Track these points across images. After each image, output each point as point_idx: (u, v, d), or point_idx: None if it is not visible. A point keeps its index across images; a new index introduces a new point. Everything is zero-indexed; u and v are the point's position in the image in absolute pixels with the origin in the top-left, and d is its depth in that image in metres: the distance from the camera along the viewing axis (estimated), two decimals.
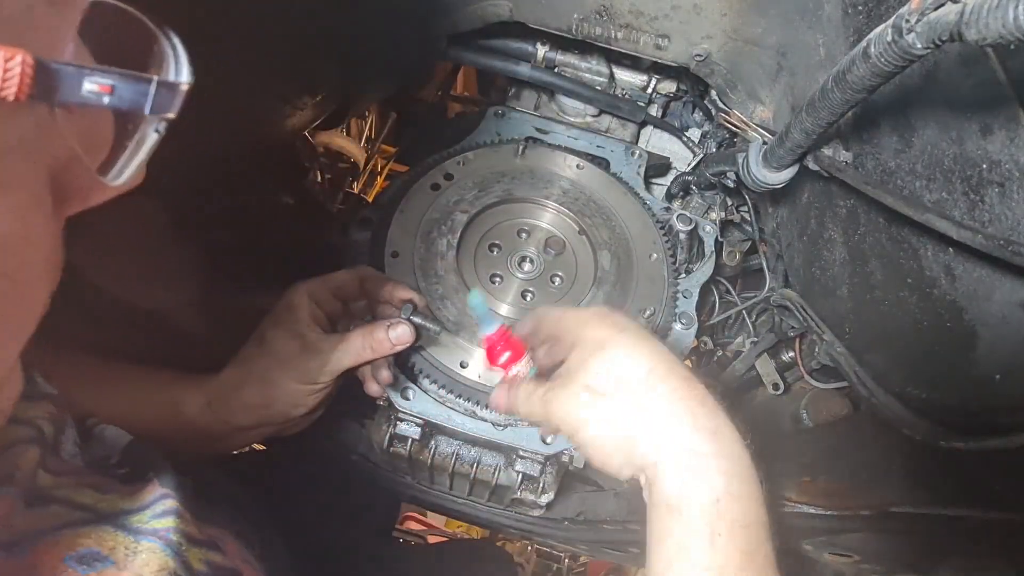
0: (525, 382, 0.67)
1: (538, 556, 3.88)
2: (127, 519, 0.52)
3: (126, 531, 0.51)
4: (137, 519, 0.53)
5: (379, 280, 0.90)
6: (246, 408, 0.84)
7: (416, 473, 1.09)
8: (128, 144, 0.37)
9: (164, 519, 0.53)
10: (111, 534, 0.50)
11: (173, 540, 0.51)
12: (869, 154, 0.78)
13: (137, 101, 0.34)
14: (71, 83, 0.31)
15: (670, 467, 0.53)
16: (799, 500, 1.03)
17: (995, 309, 0.61)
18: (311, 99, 0.94)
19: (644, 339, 0.60)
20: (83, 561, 0.47)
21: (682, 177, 1.26)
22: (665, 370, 0.56)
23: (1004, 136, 0.57)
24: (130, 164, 0.38)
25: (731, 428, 0.55)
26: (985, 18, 0.42)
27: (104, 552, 0.48)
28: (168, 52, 0.36)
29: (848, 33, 0.79)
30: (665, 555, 0.52)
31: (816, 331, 1.00)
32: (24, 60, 0.29)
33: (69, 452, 0.56)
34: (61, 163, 0.35)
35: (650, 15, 1.03)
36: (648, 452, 0.55)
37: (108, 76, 0.32)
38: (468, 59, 1.22)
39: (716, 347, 1.33)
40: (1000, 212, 0.57)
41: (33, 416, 0.52)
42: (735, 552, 0.49)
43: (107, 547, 0.49)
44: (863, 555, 1.08)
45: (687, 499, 0.52)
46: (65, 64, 0.31)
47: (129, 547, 0.50)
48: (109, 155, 0.38)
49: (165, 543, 0.51)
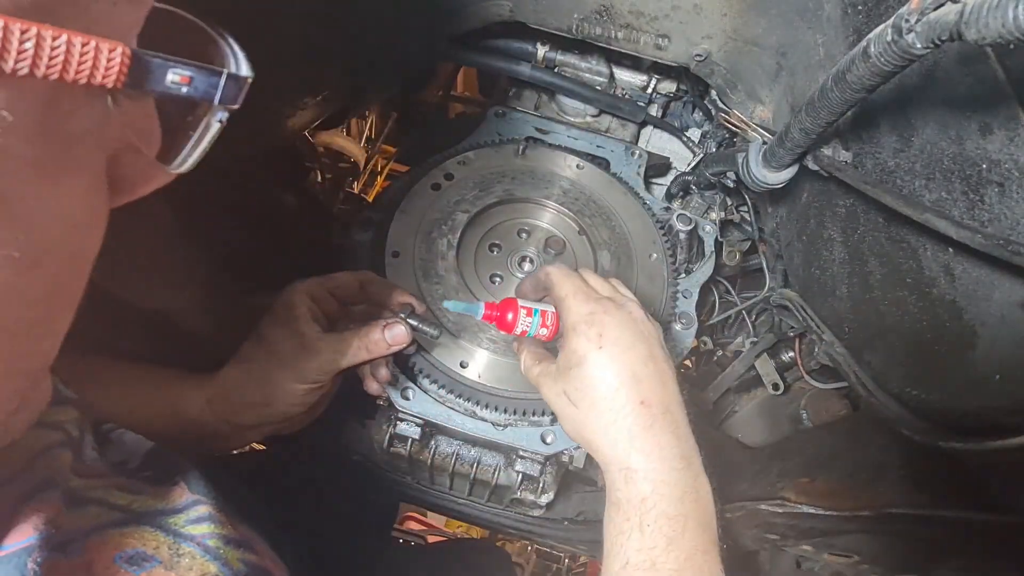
0: (528, 347, 0.81)
1: (538, 556, 3.88)
2: (164, 520, 0.53)
3: (166, 532, 0.52)
4: (174, 521, 0.53)
5: (380, 284, 0.90)
6: (246, 407, 0.84)
7: (416, 473, 1.09)
8: (192, 134, 0.40)
9: (200, 525, 0.54)
10: (152, 534, 0.51)
11: (211, 546, 0.52)
12: (868, 153, 0.78)
13: (208, 92, 0.37)
14: (158, 73, 0.34)
15: (612, 475, 0.68)
16: (799, 500, 1.03)
17: (994, 309, 0.61)
18: (311, 99, 0.94)
19: (618, 356, 0.70)
20: (132, 561, 0.48)
21: (682, 177, 1.26)
22: (627, 393, 0.68)
23: (1004, 135, 0.57)
24: (194, 152, 0.41)
25: (671, 445, 0.67)
26: (985, 18, 0.42)
27: (149, 552, 0.49)
28: (228, 51, 0.39)
29: (848, 33, 0.79)
30: (610, 538, 0.66)
31: (815, 331, 1.00)
32: (123, 51, 0.31)
33: (90, 456, 0.57)
34: (114, 153, 0.38)
35: (650, 15, 1.04)
36: (600, 459, 0.70)
37: (188, 68, 0.35)
38: (469, 59, 1.23)
39: (716, 347, 1.33)
40: (999, 212, 0.57)
41: (61, 420, 0.53)
42: (661, 537, 0.62)
43: (151, 547, 0.50)
44: (863, 555, 1.08)
45: (624, 499, 0.66)
46: (155, 56, 0.34)
47: (172, 548, 0.51)
48: (170, 144, 0.41)
49: (203, 549, 0.51)
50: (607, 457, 0.69)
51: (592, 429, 0.70)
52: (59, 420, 0.53)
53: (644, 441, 0.67)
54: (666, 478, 0.65)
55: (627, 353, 0.70)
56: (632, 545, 0.63)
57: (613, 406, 0.68)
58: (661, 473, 0.65)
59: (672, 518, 0.63)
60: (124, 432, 0.65)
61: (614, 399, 0.68)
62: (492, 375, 0.93)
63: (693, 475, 0.66)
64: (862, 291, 0.84)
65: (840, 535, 1.04)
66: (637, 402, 0.68)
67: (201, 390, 0.85)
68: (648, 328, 0.74)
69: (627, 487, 0.66)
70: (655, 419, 0.67)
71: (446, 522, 3.57)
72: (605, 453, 0.69)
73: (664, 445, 0.67)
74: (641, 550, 0.62)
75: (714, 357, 1.33)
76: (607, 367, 0.69)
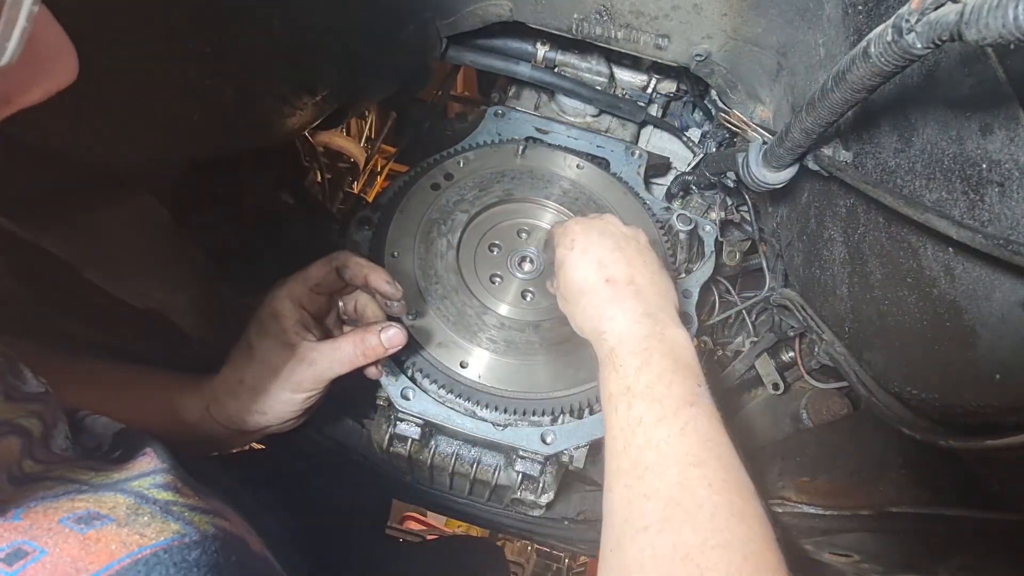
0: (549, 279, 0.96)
1: (538, 556, 3.89)
2: (127, 484, 0.51)
3: (127, 494, 0.50)
4: (138, 484, 0.51)
5: (355, 267, 0.87)
6: (241, 414, 0.84)
7: (416, 473, 1.09)
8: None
9: (165, 492, 0.52)
10: (111, 497, 0.49)
11: (175, 510, 0.50)
12: (869, 153, 0.78)
13: None
14: None
15: (594, 344, 0.80)
16: (799, 500, 1.03)
17: (995, 309, 0.61)
18: (311, 99, 0.94)
19: (588, 250, 0.83)
20: (81, 521, 0.45)
21: (682, 177, 1.26)
22: (595, 275, 0.81)
23: (1004, 135, 0.57)
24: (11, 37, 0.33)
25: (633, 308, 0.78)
26: (985, 18, 0.42)
27: (104, 512, 0.47)
28: None
29: (848, 33, 0.79)
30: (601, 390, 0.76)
31: (816, 331, 1.00)
32: None
33: (60, 446, 0.56)
34: None
35: (650, 15, 1.03)
36: (587, 336, 0.82)
37: None
38: (468, 59, 1.22)
39: (716, 347, 1.33)
40: (1000, 212, 0.57)
41: (11, 418, 0.52)
42: (630, 368, 0.73)
43: (107, 508, 0.47)
44: (863, 555, 1.08)
45: (603, 358, 0.77)
46: None
47: (131, 507, 0.48)
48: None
49: (165, 511, 0.49)
50: (588, 330, 0.81)
51: (577, 313, 0.83)
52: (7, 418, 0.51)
53: (610, 309, 0.79)
54: (630, 329, 0.76)
55: (594, 247, 0.83)
56: (611, 384, 0.74)
57: (585, 288, 0.81)
58: (624, 327, 0.76)
59: (637, 353, 0.73)
60: (97, 418, 0.64)
61: (585, 282, 0.82)
62: (492, 375, 0.93)
63: (657, 326, 0.76)
64: (862, 291, 0.84)
65: (841, 534, 1.04)
66: (603, 281, 0.81)
67: (199, 396, 0.85)
68: (619, 229, 0.87)
69: (601, 348, 0.78)
70: (619, 291, 0.80)
71: (446, 522, 3.57)
72: (586, 328, 0.81)
73: (627, 308, 0.78)
74: (618, 382, 0.73)
75: (714, 357, 1.33)
76: (578, 260, 0.83)
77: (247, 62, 0.78)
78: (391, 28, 1.06)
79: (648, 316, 0.77)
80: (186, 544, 0.47)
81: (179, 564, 0.45)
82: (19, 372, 0.56)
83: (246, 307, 0.88)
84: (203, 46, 0.67)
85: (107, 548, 0.44)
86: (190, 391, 0.86)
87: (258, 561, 0.55)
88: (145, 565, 0.44)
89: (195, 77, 0.69)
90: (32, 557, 0.42)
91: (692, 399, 0.69)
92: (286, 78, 0.89)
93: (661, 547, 0.58)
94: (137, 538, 0.46)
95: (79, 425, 0.63)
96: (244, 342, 0.84)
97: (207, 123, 0.76)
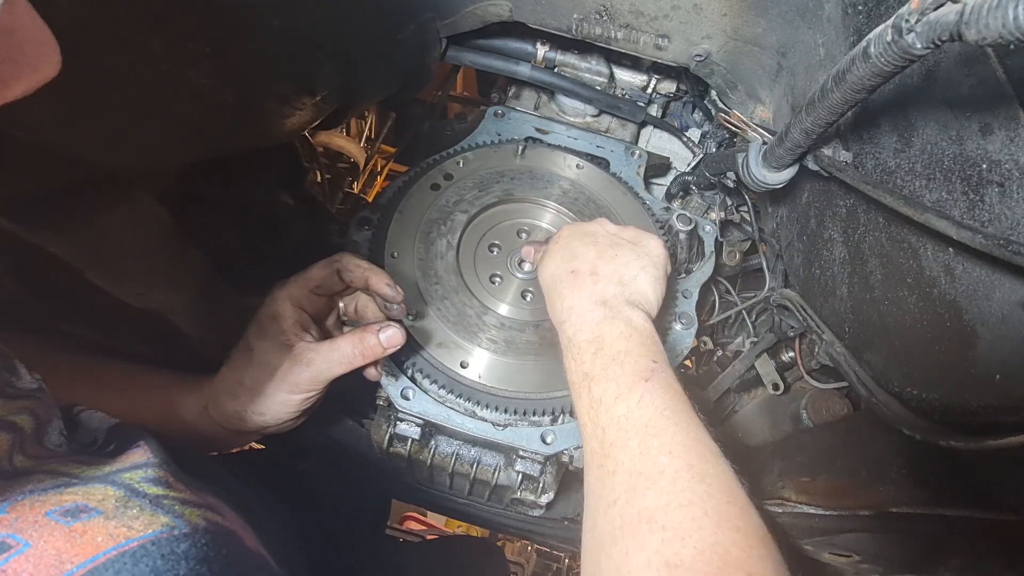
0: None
1: (538, 556, 3.89)
2: (119, 476, 0.51)
3: (118, 486, 0.50)
4: (129, 476, 0.51)
5: (356, 269, 0.87)
6: (240, 415, 0.84)
7: (416, 473, 1.09)
8: None
9: (156, 486, 0.52)
10: (101, 489, 0.49)
11: (166, 504, 0.50)
12: (869, 154, 0.78)
13: None
14: None
15: (558, 331, 0.82)
16: (799, 500, 1.03)
17: (995, 309, 0.61)
18: (311, 99, 0.94)
19: (563, 247, 0.87)
20: (68, 514, 0.45)
21: (682, 177, 1.26)
22: (563, 268, 0.84)
23: (1004, 136, 0.57)
24: None
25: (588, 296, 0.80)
26: (985, 18, 0.42)
27: (92, 505, 0.47)
28: None
29: (848, 33, 0.79)
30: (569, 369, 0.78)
31: (816, 331, 1.00)
32: None
33: (54, 442, 0.56)
34: None
35: (650, 15, 1.03)
36: (555, 324, 0.84)
37: None
38: (468, 59, 1.22)
39: (716, 347, 1.33)
40: (1000, 212, 0.57)
41: (2, 414, 0.52)
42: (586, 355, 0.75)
43: (95, 500, 0.47)
44: (863, 555, 1.08)
45: (563, 346, 0.80)
46: None
47: (120, 500, 0.48)
48: None
49: (156, 505, 0.49)
50: (555, 323, 0.83)
51: (549, 307, 0.86)
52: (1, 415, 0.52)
53: (568, 299, 0.81)
54: (583, 317, 0.78)
55: (570, 243, 0.87)
56: (573, 372, 0.76)
57: (555, 279, 0.85)
58: (579, 316, 0.79)
59: (592, 340, 0.76)
60: (92, 413, 0.64)
61: (553, 275, 0.85)
62: (492, 375, 0.93)
63: (611, 310, 0.78)
64: (862, 291, 0.84)
65: (840, 534, 1.04)
66: (569, 272, 0.83)
67: (198, 396, 0.85)
68: (603, 228, 0.89)
69: (562, 337, 0.80)
70: (580, 280, 0.82)
71: (446, 522, 3.57)
72: (554, 320, 0.84)
73: (584, 296, 0.80)
74: (577, 369, 0.76)
75: (714, 357, 1.33)
76: (553, 256, 0.87)
77: (247, 62, 0.78)
78: (391, 28, 1.06)
79: (602, 303, 0.79)
80: (175, 536, 0.47)
81: (167, 556, 0.45)
82: (14, 369, 0.56)
83: (246, 308, 0.88)
84: (203, 46, 0.67)
85: (93, 540, 0.44)
86: (189, 390, 0.86)
87: (251, 556, 0.55)
88: (132, 557, 0.44)
89: (195, 77, 0.69)
90: (16, 550, 0.42)
91: (647, 374, 0.71)
92: (286, 78, 0.88)
93: (628, 515, 0.60)
94: (125, 530, 0.46)
95: (74, 421, 0.63)
96: (243, 343, 0.84)
97: (207, 124, 0.76)
